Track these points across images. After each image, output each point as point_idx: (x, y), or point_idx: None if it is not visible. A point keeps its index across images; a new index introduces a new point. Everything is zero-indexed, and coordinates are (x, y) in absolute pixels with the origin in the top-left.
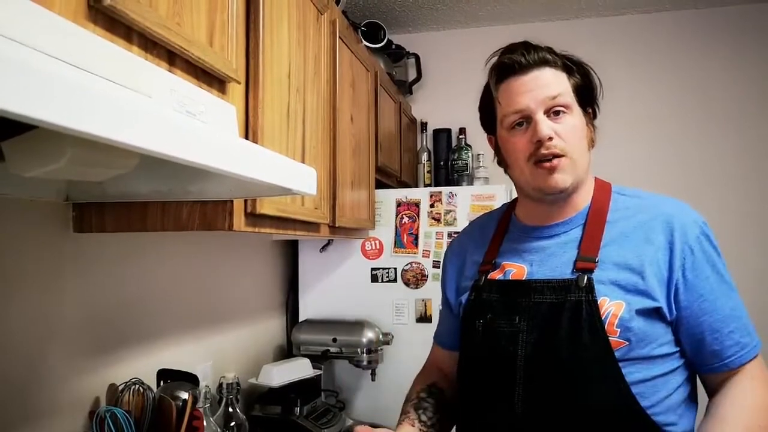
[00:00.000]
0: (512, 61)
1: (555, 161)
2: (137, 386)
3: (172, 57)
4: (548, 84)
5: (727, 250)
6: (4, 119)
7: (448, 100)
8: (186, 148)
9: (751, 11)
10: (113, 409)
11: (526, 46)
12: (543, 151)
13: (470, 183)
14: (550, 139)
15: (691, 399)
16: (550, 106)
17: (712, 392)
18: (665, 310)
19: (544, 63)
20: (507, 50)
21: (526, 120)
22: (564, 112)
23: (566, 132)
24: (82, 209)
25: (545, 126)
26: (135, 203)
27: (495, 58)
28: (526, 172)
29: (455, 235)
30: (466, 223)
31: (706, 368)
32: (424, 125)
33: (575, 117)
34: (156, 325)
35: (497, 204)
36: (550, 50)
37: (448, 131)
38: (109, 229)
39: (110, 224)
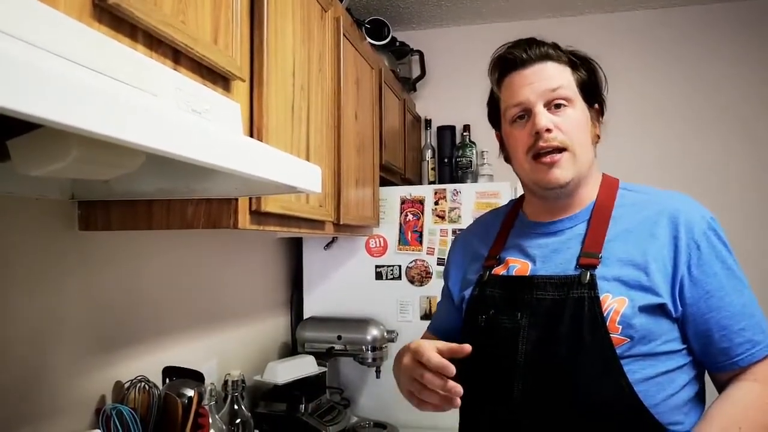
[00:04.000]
0: (514, 56)
1: (556, 156)
2: (143, 384)
3: (177, 55)
4: (549, 77)
5: (734, 247)
6: (9, 118)
7: (452, 97)
8: (192, 147)
9: (759, 6)
10: (119, 406)
11: (529, 42)
12: (542, 143)
13: (474, 180)
14: (549, 131)
15: (699, 398)
16: (551, 99)
17: (720, 391)
18: (670, 306)
19: (546, 57)
20: (510, 46)
21: (527, 113)
22: (565, 105)
23: (567, 125)
24: (88, 207)
25: (544, 118)
26: (140, 201)
27: (498, 54)
28: (525, 166)
29: (460, 232)
30: (471, 221)
31: (714, 366)
32: (428, 122)
33: (577, 110)
34: (161, 323)
35: (502, 201)
36: (554, 46)
37: (453, 128)
38: (114, 227)
39: (115, 222)
